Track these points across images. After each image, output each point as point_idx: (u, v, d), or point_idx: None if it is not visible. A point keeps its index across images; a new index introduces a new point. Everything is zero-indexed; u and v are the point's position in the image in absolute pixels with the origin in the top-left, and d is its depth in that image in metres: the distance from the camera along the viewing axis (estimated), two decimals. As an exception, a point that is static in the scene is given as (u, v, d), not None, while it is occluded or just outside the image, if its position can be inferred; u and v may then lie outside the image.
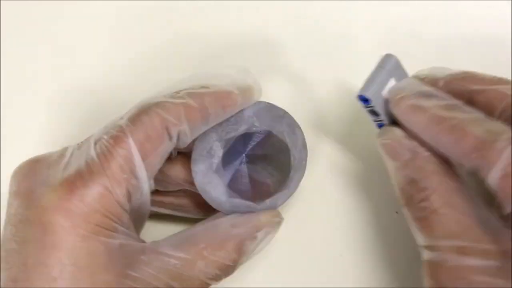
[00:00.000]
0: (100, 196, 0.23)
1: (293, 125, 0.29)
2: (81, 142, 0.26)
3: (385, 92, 0.26)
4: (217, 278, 0.25)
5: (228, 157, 0.28)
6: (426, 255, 0.23)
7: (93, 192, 0.23)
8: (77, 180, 0.23)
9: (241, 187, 0.28)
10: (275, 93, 0.32)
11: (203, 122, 0.26)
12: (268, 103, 0.29)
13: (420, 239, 0.23)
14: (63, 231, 0.22)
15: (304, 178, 0.29)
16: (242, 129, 0.28)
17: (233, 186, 0.28)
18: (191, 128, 0.25)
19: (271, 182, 0.29)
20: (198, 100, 0.25)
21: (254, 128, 0.28)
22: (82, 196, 0.23)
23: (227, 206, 0.27)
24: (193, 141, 0.27)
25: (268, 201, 0.28)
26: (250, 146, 0.29)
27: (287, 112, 0.29)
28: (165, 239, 0.25)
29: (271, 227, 0.27)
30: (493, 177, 0.21)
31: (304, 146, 0.29)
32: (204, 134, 0.27)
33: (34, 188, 0.24)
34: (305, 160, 0.29)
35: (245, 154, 0.29)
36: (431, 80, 0.26)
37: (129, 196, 0.24)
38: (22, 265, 0.22)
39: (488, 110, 0.23)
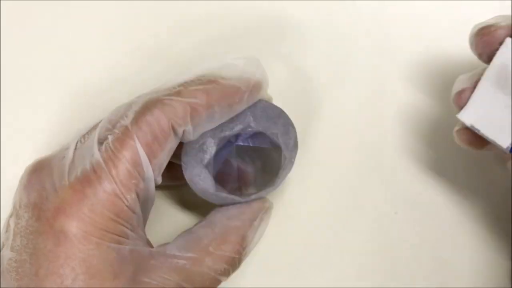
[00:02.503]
0: (110, 203, 0.23)
1: (288, 125, 0.29)
2: (86, 134, 0.26)
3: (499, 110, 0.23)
4: (226, 272, 0.26)
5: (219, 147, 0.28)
6: None
7: (103, 199, 0.23)
8: (85, 187, 0.23)
9: (228, 178, 0.28)
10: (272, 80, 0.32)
11: (208, 121, 0.26)
12: (266, 101, 0.29)
13: None
14: (75, 240, 0.23)
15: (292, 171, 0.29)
16: (237, 129, 0.27)
17: (220, 176, 0.28)
18: (196, 126, 0.25)
19: (256, 176, 0.29)
20: (205, 98, 0.25)
21: (249, 129, 0.28)
22: (92, 205, 0.23)
23: (214, 198, 0.28)
24: None
25: (253, 196, 0.28)
26: (241, 138, 0.29)
27: (284, 111, 0.29)
28: (170, 243, 0.26)
29: (264, 214, 0.28)
30: None
31: (296, 145, 0.29)
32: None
33: (42, 199, 0.24)
34: (294, 158, 0.29)
35: (236, 145, 0.29)
36: None
37: (138, 197, 0.24)
38: (34, 276, 0.23)
39: None
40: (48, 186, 0.24)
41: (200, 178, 0.27)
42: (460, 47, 0.35)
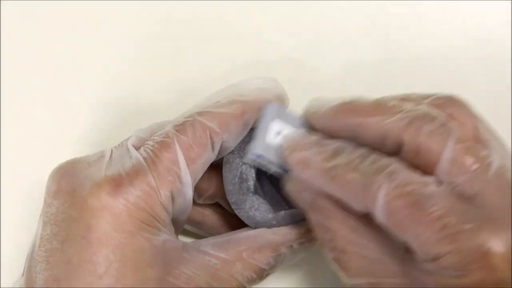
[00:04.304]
0: (145, 195, 0.23)
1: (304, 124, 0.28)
2: (117, 146, 0.26)
3: (275, 141, 0.26)
4: (252, 281, 0.26)
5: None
6: None
7: (138, 190, 0.23)
8: (123, 178, 0.23)
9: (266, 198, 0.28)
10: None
11: (244, 129, 0.26)
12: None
13: (342, 280, 0.24)
14: (109, 228, 0.23)
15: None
16: None
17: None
18: (233, 135, 0.26)
19: None
20: (240, 107, 0.26)
21: None
22: (128, 194, 0.23)
23: (274, 222, 0.27)
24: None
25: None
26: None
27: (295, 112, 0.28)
28: (205, 240, 0.26)
29: (307, 241, 0.28)
30: (379, 218, 0.21)
31: None
32: (229, 162, 0.27)
33: (76, 187, 0.24)
34: None
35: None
36: (317, 118, 0.26)
37: (172, 199, 0.24)
38: (66, 264, 0.23)
39: (371, 142, 0.24)
40: (83, 177, 0.24)
41: (255, 209, 0.27)
42: (461, 47, 0.35)
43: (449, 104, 0.24)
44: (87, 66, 0.35)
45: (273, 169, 0.26)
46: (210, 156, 0.25)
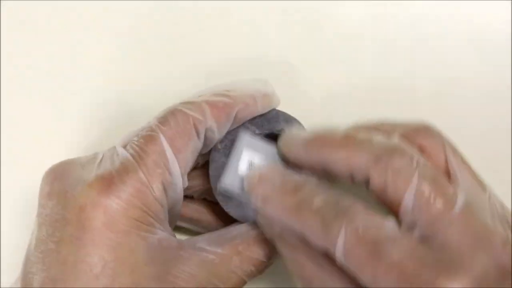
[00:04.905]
0: (138, 191, 0.23)
1: (290, 119, 0.28)
2: (110, 148, 0.27)
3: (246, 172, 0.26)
4: (252, 274, 0.26)
5: None
6: None
7: (130, 188, 0.23)
8: (114, 176, 0.24)
9: None
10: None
11: (228, 119, 0.26)
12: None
13: None
14: (103, 227, 0.23)
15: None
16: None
17: None
18: (217, 124, 0.26)
19: None
20: (222, 98, 0.26)
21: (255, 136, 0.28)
22: (120, 192, 0.23)
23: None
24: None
25: None
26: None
27: (279, 110, 0.29)
28: (201, 236, 0.26)
29: None
30: (339, 260, 0.21)
31: None
32: (214, 161, 0.27)
33: (69, 187, 0.24)
34: None
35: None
36: (290, 151, 0.26)
37: (165, 191, 0.25)
38: (62, 265, 0.23)
39: (341, 176, 0.24)
40: (75, 177, 0.24)
41: (242, 206, 0.27)
42: (460, 47, 0.35)
43: (422, 135, 0.24)
44: (87, 66, 0.35)
45: (242, 200, 0.27)
46: (197, 144, 0.26)
